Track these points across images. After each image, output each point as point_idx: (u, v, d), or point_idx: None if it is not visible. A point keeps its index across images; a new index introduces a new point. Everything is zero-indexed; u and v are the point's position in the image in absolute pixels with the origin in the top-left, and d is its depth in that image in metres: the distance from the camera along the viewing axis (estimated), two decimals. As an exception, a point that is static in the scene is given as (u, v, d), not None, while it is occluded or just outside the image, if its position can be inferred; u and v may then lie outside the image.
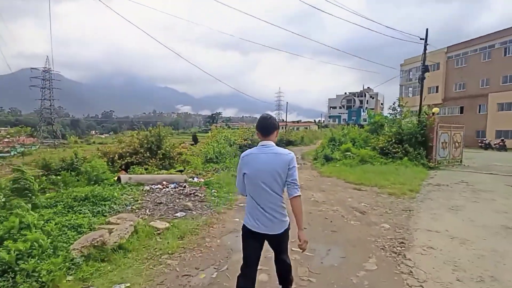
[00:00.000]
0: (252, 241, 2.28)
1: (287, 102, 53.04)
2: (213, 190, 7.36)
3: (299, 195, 2.17)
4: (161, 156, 11.90)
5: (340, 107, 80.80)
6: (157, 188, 7.32)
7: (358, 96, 79.14)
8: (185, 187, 7.53)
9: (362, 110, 69.60)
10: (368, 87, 79.29)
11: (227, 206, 6.10)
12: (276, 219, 2.20)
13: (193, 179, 8.79)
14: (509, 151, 27.26)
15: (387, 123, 15.16)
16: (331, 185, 8.75)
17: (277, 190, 2.19)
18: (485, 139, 32.30)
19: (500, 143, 28.99)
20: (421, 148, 12.46)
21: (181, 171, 10.23)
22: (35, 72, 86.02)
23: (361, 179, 9.03)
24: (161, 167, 11.52)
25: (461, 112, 40.85)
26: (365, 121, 53.81)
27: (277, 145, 2.31)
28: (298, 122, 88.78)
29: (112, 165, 10.61)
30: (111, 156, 10.93)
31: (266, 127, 2.29)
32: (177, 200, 6.22)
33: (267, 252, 2.48)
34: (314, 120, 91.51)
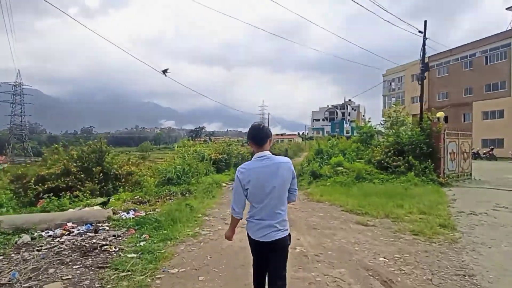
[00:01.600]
0: (259, 251, 2.28)
1: (269, 113, 51.15)
2: (143, 236, 4.67)
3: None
4: (100, 177, 9.08)
5: (323, 119, 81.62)
6: (51, 235, 4.55)
7: (340, 109, 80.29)
8: (96, 232, 4.77)
9: (344, 122, 71.43)
10: (350, 100, 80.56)
11: (153, 270, 3.44)
12: (284, 223, 2.22)
13: (124, 214, 6.03)
14: (499, 160, 26.23)
15: (381, 133, 13.04)
16: (324, 216, 6.24)
17: (285, 199, 2.24)
18: (472, 148, 31.24)
19: (490, 152, 28.11)
20: (428, 160, 10.30)
21: (104, 203, 7.35)
22: (5, 87, 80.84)
23: (363, 205, 6.60)
24: (98, 193, 8.70)
25: (446, 121, 39.90)
26: (348, 133, 53.39)
27: None
28: (282, 135, 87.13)
29: (24, 194, 7.70)
30: (25, 181, 8.00)
31: (260, 136, 2.21)
32: (59, 266, 3.47)
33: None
34: (298, 133, 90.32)
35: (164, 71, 11.26)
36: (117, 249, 4.08)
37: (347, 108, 79.98)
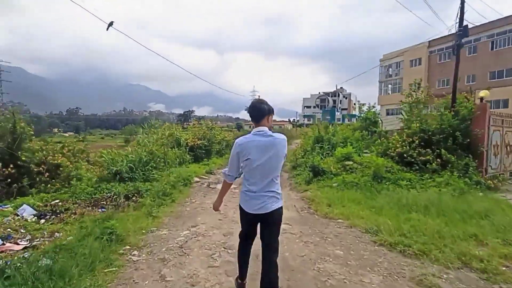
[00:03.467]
0: (252, 223, 2.43)
1: (258, 95, 47.57)
2: None
3: None
4: (12, 171, 6.16)
5: (315, 107, 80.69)
6: None
7: (331, 96, 79.14)
8: None
9: (336, 109, 70.07)
10: (341, 87, 79.14)
11: None
12: (278, 196, 2.35)
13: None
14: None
15: (404, 116, 10.35)
16: (346, 258, 3.45)
17: (278, 173, 2.36)
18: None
19: (498, 144, 25.86)
20: (469, 155, 7.67)
21: None
22: (-22, 63, 74.32)
23: (407, 231, 3.89)
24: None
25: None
26: (339, 120, 51.21)
27: None
28: (272, 121, 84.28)
29: None
30: None
31: (259, 112, 2.30)
32: None
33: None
34: (289, 119, 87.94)
35: (110, 24, 8.18)
36: None
37: (338, 96, 78.89)
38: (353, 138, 12.02)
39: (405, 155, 8.21)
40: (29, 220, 4.49)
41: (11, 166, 6.38)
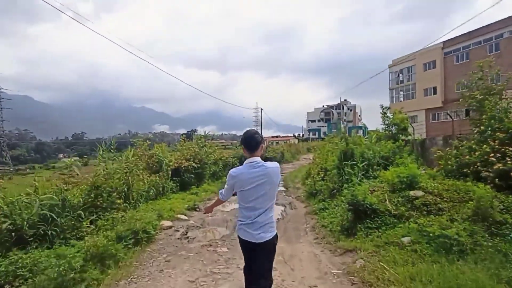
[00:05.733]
0: (248, 251, 2.44)
1: (261, 109, 44.31)
2: None
3: None
4: None
5: (319, 120, 79.54)
6: None
7: (336, 109, 77.86)
8: None
9: (341, 122, 68.36)
10: (345, 100, 78.67)
11: None
12: (272, 224, 2.40)
13: None
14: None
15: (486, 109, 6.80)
16: None
17: (273, 203, 2.42)
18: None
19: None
20: None
21: None
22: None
23: None
24: None
25: (467, 115, 33.74)
26: (347, 133, 47.78)
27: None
28: (277, 136, 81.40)
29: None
30: None
31: (251, 144, 2.38)
32: None
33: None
34: (294, 134, 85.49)
35: None
36: None
37: (343, 108, 77.15)
38: (385, 151, 8.60)
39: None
40: None
41: None
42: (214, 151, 14.49)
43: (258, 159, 2.35)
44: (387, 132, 12.99)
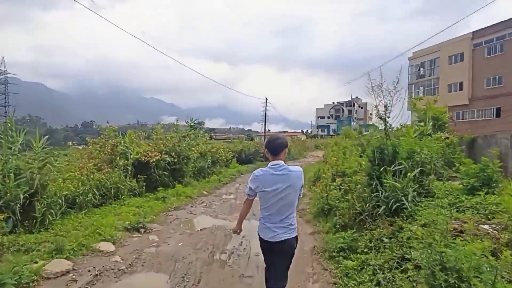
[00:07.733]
0: (268, 252, 2.46)
1: (266, 98, 40.68)
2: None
3: None
4: None
5: (329, 117, 77.24)
6: None
7: (346, 106, 75.50)
8: None
9: (351, 119, 66.79)
10: (357, 97, 75.10)
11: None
12: (292, 226, 2.40)
13: None
14: None
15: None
16: None
17: (295, 205, 2.45)
18: None
19: None
20: None
21: None
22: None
23: None
24: None
25: (497, 115, 29.72)
26: (355, 130, 44.66)
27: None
28: (284, 132, 78.20)
29: None
30: None
31: (275, 148, 2.42)
32: None
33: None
34: (302, 130, 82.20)
35: None
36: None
37: (353, 106, 74.69)
38: (433, 152, 5.68)
39: None
40: None
41: None
42: (202, 143, 11.76)
43: (282, 162, 2.39)
44: (418, 127, 10.14)
